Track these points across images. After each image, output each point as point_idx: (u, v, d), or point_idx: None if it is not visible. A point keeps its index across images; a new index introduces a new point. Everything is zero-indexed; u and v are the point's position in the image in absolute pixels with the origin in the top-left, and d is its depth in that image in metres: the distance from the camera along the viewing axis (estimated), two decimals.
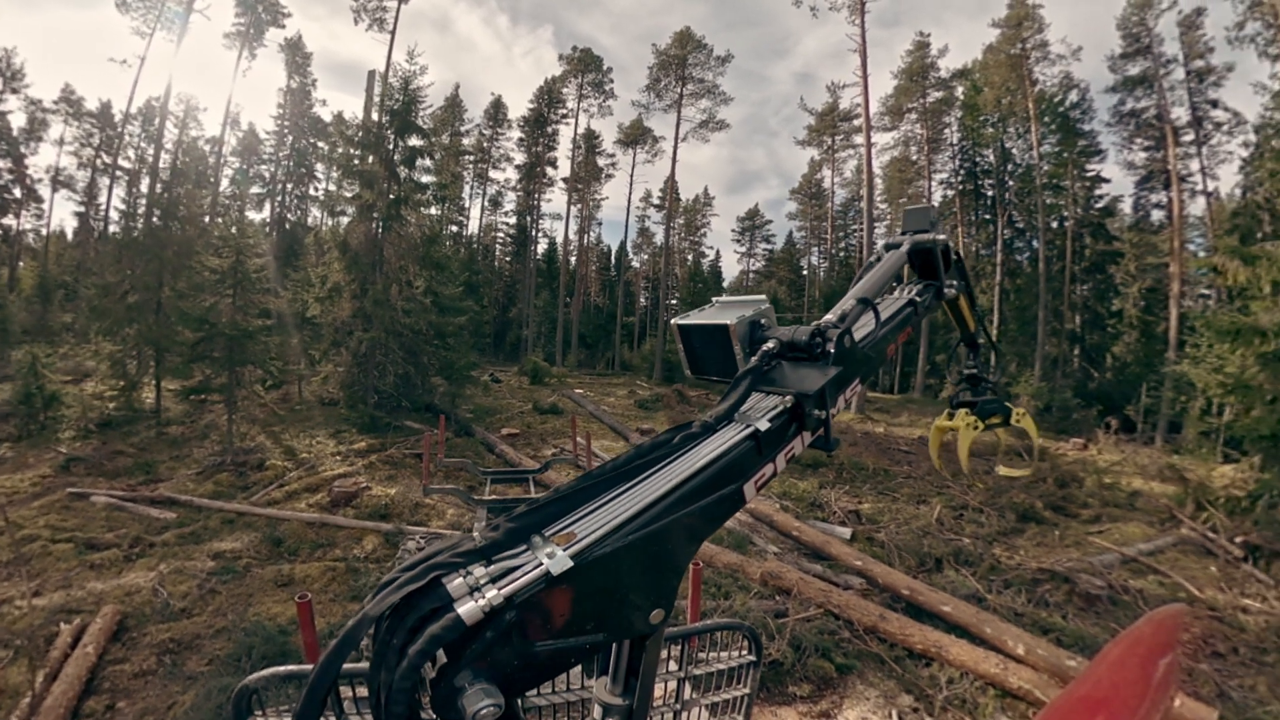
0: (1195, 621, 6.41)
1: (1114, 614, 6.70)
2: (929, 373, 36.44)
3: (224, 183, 36.36)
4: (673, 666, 1.89)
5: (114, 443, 12.48)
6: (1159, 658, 0.59)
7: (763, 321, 1.26)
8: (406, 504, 9.34)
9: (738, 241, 55.24)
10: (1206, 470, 12.66)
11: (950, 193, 37.86)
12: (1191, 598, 7.30)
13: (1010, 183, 34.45)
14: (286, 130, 41.00)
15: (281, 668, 1.60)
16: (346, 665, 0.64)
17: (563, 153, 44.79)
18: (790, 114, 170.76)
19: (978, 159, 36.69)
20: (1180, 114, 27.70)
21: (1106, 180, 30.94)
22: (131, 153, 35.48)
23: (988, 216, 36.66)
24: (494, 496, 7.44)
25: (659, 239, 52.02)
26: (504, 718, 0.61)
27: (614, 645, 0.91)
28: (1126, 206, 31.67)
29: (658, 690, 1.84)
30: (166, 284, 14.55)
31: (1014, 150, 34.16)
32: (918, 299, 1.54)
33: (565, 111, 43.57)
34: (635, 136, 43.91)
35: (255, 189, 40.13)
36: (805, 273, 51.82)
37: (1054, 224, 31.42)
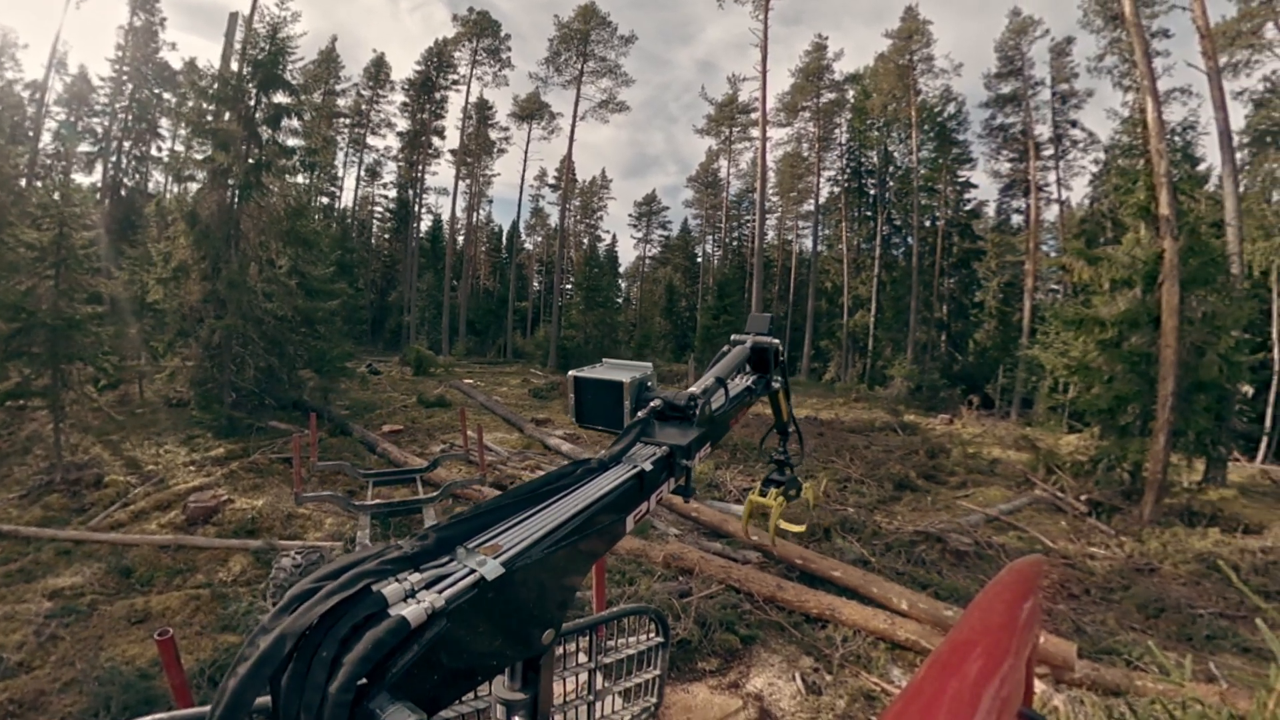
0: (1052, 569, 7.44)
1: (981, 567, 7.60)
2: (813, 357, 39.91)
3: (46, 138, 30.65)
4: (582, 659, 1.91)
5: None
6: (1023, 602, 0.67)
7: (649, 383, 1.49)
8: (277, 516, 8.64)
9: (634, 226, 55.91)
10: (1055, 439, 14.94)
11: (836, 189, 41.18)
12: (1047, 549, 8.46)
13: (890, 183, 38.02)
14: (126, 77, 34.28)
15: (149, 717, 1.48)
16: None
17: (451, 122, 42.88)
18: (690, 101, 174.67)
19: (863, 159, 40.07)
20: (1043, 131, 32.48)
21: (975, 186, 35.74)
22: None
23: (869, 214, 40.15)
24: (378, 500, 7.08)
25: (554, 220, 51.62)
26: None
27: None
28: (991, 210, 36.84)
29: (570, 683, 1.90)
30: None
31: (895, 153, 37.77)
32: (753, 386, 1.94)
33: (456, 78, 41.63)
34: (531, 111, 42.87)
35: (85, 147, 33.36)
36: (700, 260, 53.54)
37: (927, 223, 35.19)
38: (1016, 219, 35.25)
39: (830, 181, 41.57)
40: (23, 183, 19.05)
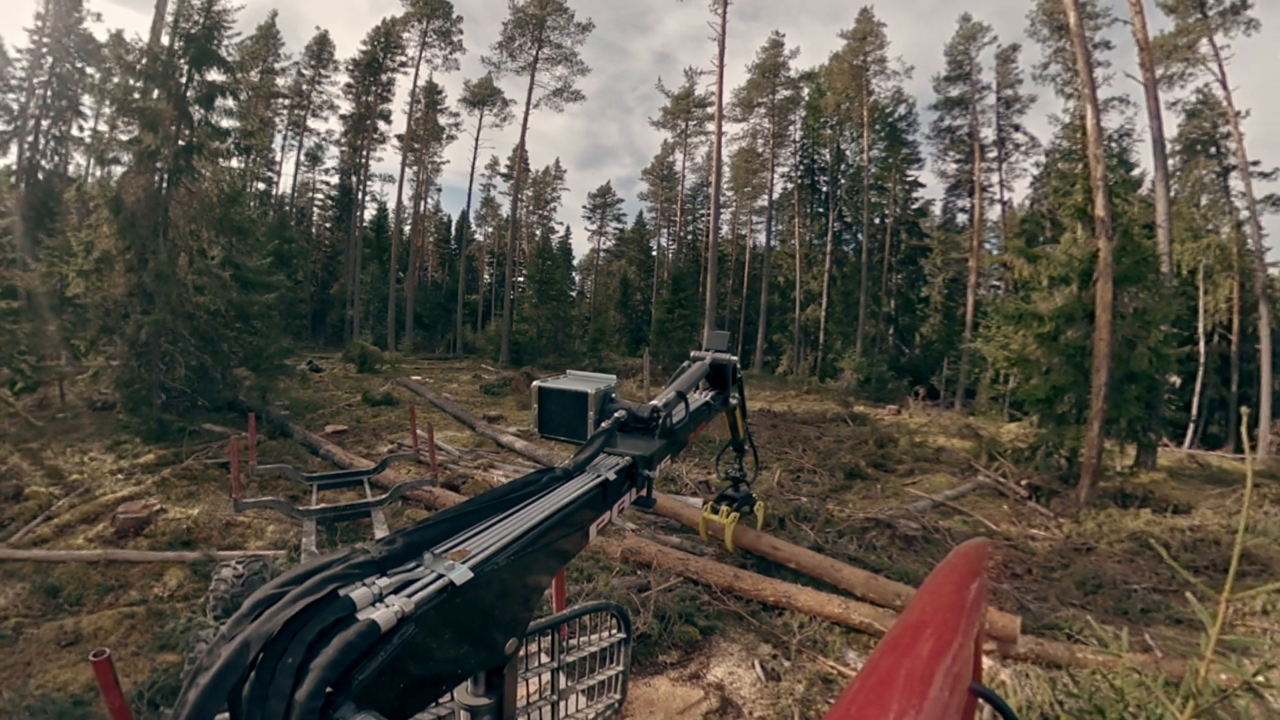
0: (995, 551, 7.80)
1: (929, 550, 7.88)
2: (766, 350, 40.92)
3: None
4: (544, 659, 1.92)
5: None
6: (970, 583, 0.71)
7: (612, 395, 1.53)
8: (215, 525, 8.24)
9: (589, 219, 56.02)
10: (996, 428, 15.79)
11: (790, 185, 42.20)
12: (990, 531, 8.83)
13: (842, 181, 39.19)
14: (45, 50, 31.45)
15: None
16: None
17: (398, 106, 42.15)
18: (647, 92, 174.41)
19: (816, 157, 41.20)
20: (988, 134, 34.30)
21: (922, 185, 37.23)
22: None
23: (821, 210, 41.30)
24: (323, 505, 6.92)
25: (505, 211, 51.09)
26: None
27: None
28: (937, 209, 38.72)
29: (532, 684, 1.91)
30: None
31: (847, 152, 38.97)
32: (712, 401, 2.00)
33: (404, 59, 40.59)
34: (483, 96, 42.14)
35: None
36: (655, 253, 53.98)
37: (876, 220, 36.57)
38: (961, 218, 37.30)
39: (784, 178, 42.62)
40: None
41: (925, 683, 0.49)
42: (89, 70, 32.84)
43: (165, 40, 14.44)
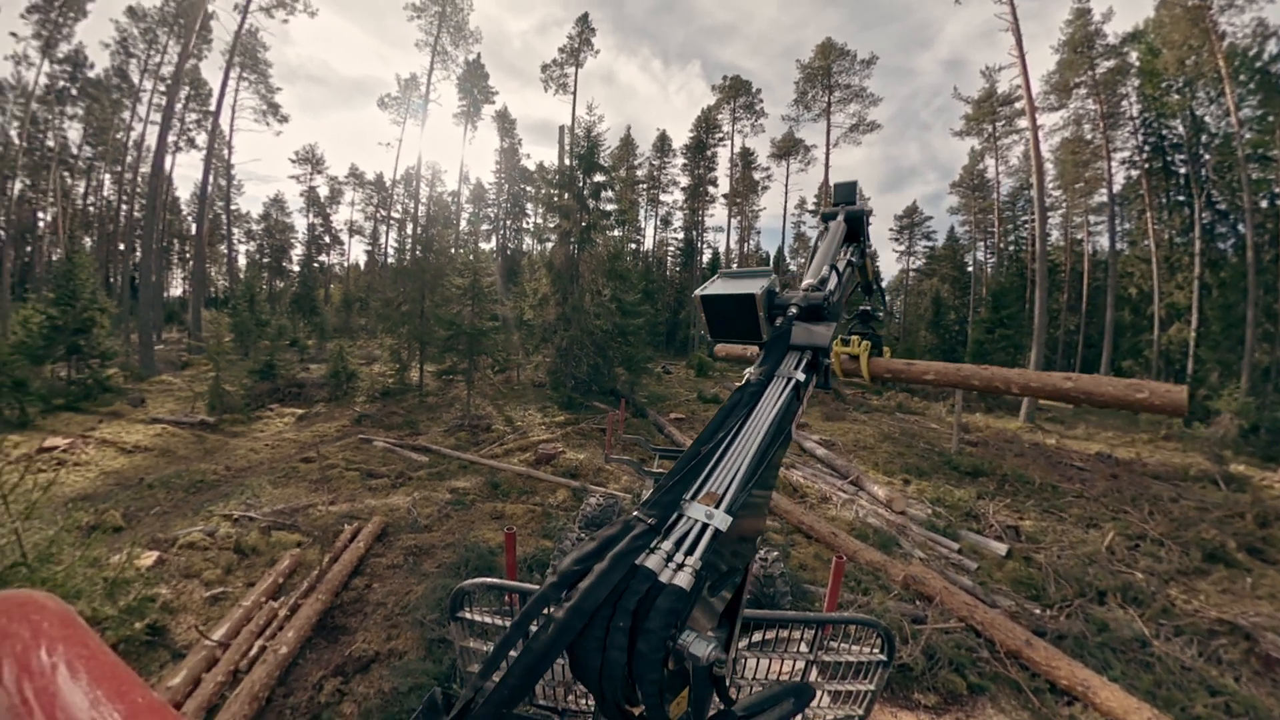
0: None
1: None
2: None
3: (462, 223, 44.36)
4: (803, 649, 1.76)
5: (390, 406, 14.45)
6: None
7: (776, 290, 1.28)
8: (591, 467, 9.75)
9: (896, 240, 48.81)
10: None
11: (1134, 173, 29.04)
12: None
13: (1206, 156, 25.68)
14: (503, 180, 48.23)
15: (489, 579, 1.71)
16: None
17: (722, 171, 44.51)
18: (942, 104, 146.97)
19: (1164, 131, 27.74)
20: None
21: None
22: (399, 206, 46.09)
23: (1181, 198, 27.58)
24: (660, 470, 7.73)
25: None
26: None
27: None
28: None
29: (786, 665, 1.76)
30: (426, 297, 16.36)
31: (1207, 118, 25.36)
32: (853, 260, 1.61)
33: (721, 135, 43.29)
34: (787, 149, 42.09)
35: (484, 226, 48.22)
36: (970, 269, 43.12)
37: (1263, 203, 22.58)
38: None
39: (1125, 164, 29.19)
40: (451, 250, 26.01)
41: None
42: (527, 187, 47.04)
43: (566, 161, 17.93)
